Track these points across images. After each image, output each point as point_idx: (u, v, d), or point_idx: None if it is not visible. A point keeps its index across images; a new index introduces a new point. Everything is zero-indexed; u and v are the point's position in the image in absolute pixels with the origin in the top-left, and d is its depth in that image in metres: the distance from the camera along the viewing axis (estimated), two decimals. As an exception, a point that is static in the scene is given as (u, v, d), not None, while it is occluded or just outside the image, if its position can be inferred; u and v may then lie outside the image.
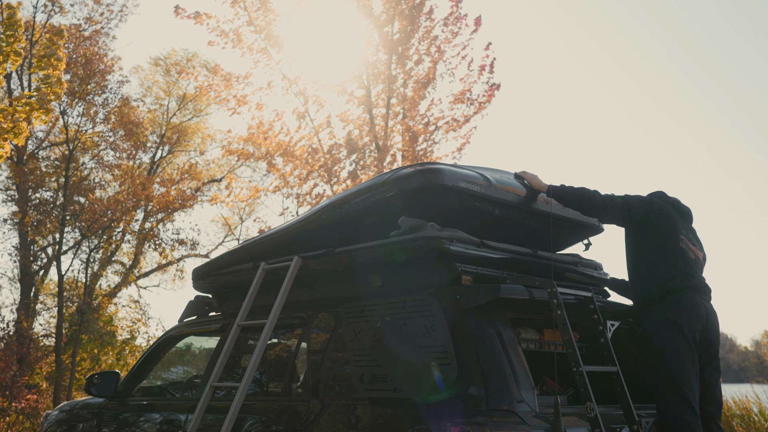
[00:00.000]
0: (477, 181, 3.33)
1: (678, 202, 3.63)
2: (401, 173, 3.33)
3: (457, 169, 3.37)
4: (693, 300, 3.32)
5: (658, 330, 3.26)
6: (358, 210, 3.48)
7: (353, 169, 10.34)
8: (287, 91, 10.69)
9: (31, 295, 17.18)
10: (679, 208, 3.61)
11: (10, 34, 8.03)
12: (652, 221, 3.46)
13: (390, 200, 3.32)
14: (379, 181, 3.42)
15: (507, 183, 3.53)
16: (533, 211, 3.60)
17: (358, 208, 3.48)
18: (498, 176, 3.55)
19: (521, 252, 3.47)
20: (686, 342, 3.22)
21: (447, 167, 3.32)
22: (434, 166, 3.31)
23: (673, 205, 3.59)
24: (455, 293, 3.00)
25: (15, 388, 12.83)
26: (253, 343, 4.08)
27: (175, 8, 10.63)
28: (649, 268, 3.42)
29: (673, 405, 3.12)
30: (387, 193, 3.32)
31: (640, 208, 3.46)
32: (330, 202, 3.67)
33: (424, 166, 3.37)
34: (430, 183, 3.22)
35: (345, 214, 3.55)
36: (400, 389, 2.86)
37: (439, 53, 10.58)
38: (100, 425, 4.58)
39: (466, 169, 3.43)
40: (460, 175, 3.27)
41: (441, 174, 3.22)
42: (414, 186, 3.24)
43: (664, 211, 3.51)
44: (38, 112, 8.00)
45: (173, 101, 21.06)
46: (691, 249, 3.49)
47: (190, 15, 10.60)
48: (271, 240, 3.99)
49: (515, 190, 3.54)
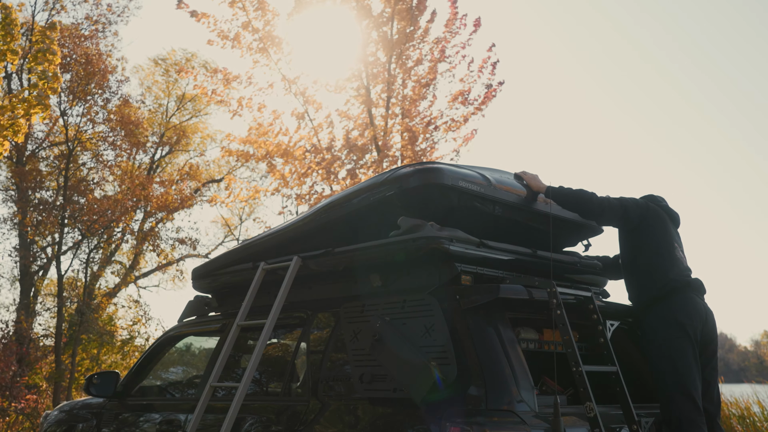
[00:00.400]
0: (476, 181, 3.34)
1: (668, 207, 3.70)
2: (401, 172, 3.33)
3: (456, 168, 3.37)
4: (693, 300, 3.37)
5: (661, 330, 3.28)
6: (358, 209, 3.48)
7: (352, 167, 10.34)
8: (288, 91, 10.69)
9: (30, 295, 17.18)
10: (670, 212, 3.68)
11: (6, 33, 8.03)
12: (650, 224, 3.52)
13: (389, 199, 3.32)
14: (379, 180, 3.42)
15: (506, 183, 3.53)
16: (533, 211, 3.61)
17: (357, 208, 3.48)
18: (497, 176, 3.56)
19: (521, 252, 3.47)
20: (690, 341, 3.25)
21: (446, 166, 3.32)
22: (433, 165, 3.31)
23: (665, 210, 3.66)
24: (455, 293, 3.00)
25: (15, 388, 12.83)
26: (252, 343, 4.08)
27: (178, 1, 10.62)
28: (649, 269, 3.46)
29: (680, 404, 3.14)
30: (386, 192, 3.32)
31: (636, 211, 3.51)
32: (329, 202, 3.67)
33: (423, 165, 3.37)
34: (429, 182, 3.22)
35: (344, 214, 3.55)
36: (400, 389, 2.86)
37: (440, 53, 10.58)
38: (99, 425, 4.57)
39: (466, 169, 3.43)
40: (459, 175, 3.27)
41: (440, 173, 3.22)
42: (413, 185, 3.24)
43: (660, 215, 3.58)
44: (36, 108, 8.00)
45: (172, 101, 21.08)
46: (682, 253, 3.58)
47: (192, 12, 10.59)
48: (270, 240, 3.99)
49: (515, 189, 3.55)
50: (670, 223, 3.61)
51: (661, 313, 3.32)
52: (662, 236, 3.50)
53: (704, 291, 3.49)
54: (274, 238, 3.97)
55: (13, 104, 7.93)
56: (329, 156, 10.32)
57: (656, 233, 3.51)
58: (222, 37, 10.57)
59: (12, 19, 8.11)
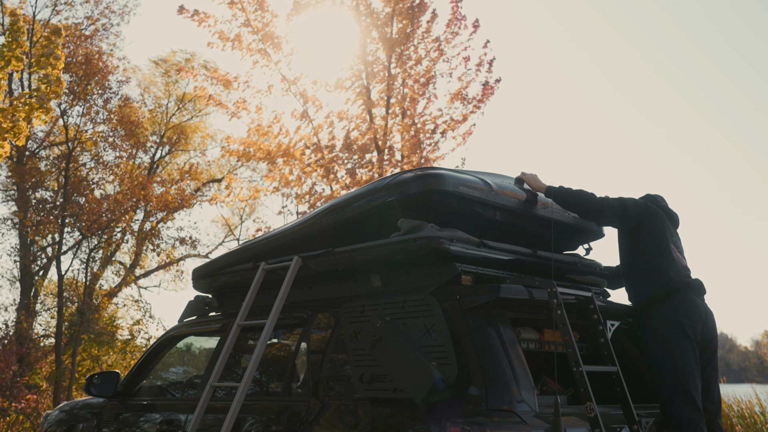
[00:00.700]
0: (477, 186, 3.33)
1: (667, 207, 3.70)
2: (402, 178, 3.34)
3: (457, 174, 3.38)
4: (693, 300, 3.37)
5: (662, 330, 3.28)
6: (359, 213, 3.48)
7: (352, 167, 10.33)
8: (287, 92, 10.68)
9: (31, 295, 17.18)
10: (669, 213, 3.68)
11: (12, 39, 8.03)
12: (649, 224, 3.52)
13: (390, 205, 3.32)
14: (380, 185, 3.42)
15: (508, 188, 3.54)
16: (534, 216, 3.61)
17: (358, 212, 3.48)
18: (498, 181, 3.56)
19: (521, 252, 3.47)
20: (690, 341, 3.25)
21: (447, 172, 3.33)
22: (435, 171, 3.31)
23: (664, 210, 3.66)
24: (455, 293, 3.00)
25: (15, 388, 12.83)
26: (253, 343, 4.08)
27: (179, 7, 10.64)
28: (649, 269, 3.45)
29: (680, 404, 3.14)
30: (387, 197, 3.32)
31: (635, 210, 3.51)
32: (330, 205, 3.68)
33: (424, 171, 3.37)
34: (430, 188, 3.21)
35: (345, 218, 3.55)
36: (400, 389, 2.87)
37: (439, 53, 10.59)
38: (100, 425, 4.58)
39: (467, 174, 3.44)
40: (460, 180, 3.27)
41: (441, 179, 3.22)
42: (414, 191, 3.24)
43: (659, 215, 3.58)
44: (38, 111, 8.00)
45: (172, 101, 21.09)
46: (681, 254, 3.58)
47: (194, 12, 10.59)
48: (270, 242, 3.99)
49: (516, 194, 3.55)
50: (669, 223, 3.61)
51: (660, 313, 3.32)
52: (661, 236, 3.50)
53: (704, 291, 3.49)
54: (274, 240, 3.97)
55: (15, 107, 7.92)
56: (329, 155, 10.32)
57: (655, 233, 3.50)
58: (222, 39, 10.57)
59: (19, 26, 8.12)
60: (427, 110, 10.61)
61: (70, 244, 16.78)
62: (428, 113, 10.59)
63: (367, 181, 9.98)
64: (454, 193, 3.23)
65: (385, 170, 10.14)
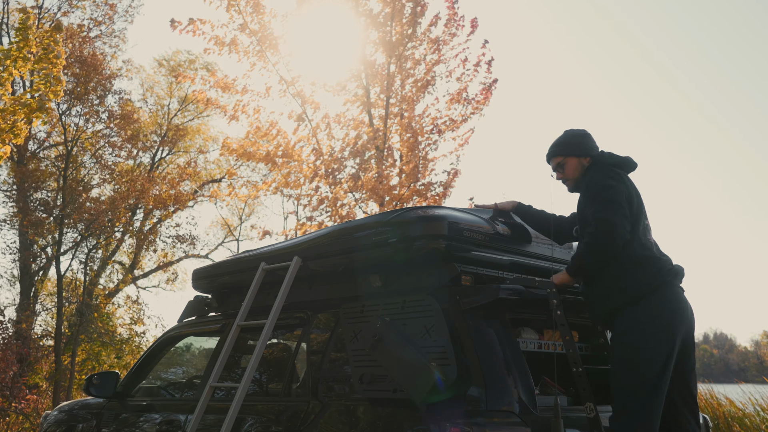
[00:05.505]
0: (482, 228, 3.26)
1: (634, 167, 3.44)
2: (404, 217, 3.23)
3: (461, 215, 3.28)
4: (678, 292, 3.15)
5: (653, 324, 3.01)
6: (360, 245, 3.38)
7: (355, 172, 10.32)
8: (285, 93, 10.67)
9: (30, 295, 17.18)
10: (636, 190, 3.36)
11: (22, 38, 7.99)
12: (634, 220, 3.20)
13: (391, 245, 3.23)
14: (383, 219, 3.32)
15: (513, 228, 3.49)
16: (539, 257, 3.56)
17: (359, 244, 3.39)
18: (503, 224, 3.48)
19: (521, 252, 3.47)
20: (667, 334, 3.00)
21: (451, 213, 3.23)
22: (437, 213, 3.21)
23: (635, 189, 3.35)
24: (455, 293, 3.00)
25: (15, 388, 12.82)
26: (252, 343, 4.08)
27: (171, 22, 10.53)
28: (641, 263, 3.13)
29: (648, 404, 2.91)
30: (389, 237, 3.21)
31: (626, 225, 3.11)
32: (332, 231, 3.61)
33: (427, 212, 3.25)
34: (432, 233, 3.11)
35: (346, 248, 3.46)
36: (400, 390, 2.87)
37: (438, 54, 10.59)
38: (99, 425, 4.58)
39: (472, 214, 3.36)
40: (464, 222, 3.19)
41: (444, 223, 3.11)
42: (416, 234, 3.14)
43: (639, 201, 3.29)
44: (38, 112, 7.96)
45: (174, 102, 21.10)
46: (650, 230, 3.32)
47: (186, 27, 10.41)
48: (272, 253, 3.97)
49: (522, 235, 3.50)
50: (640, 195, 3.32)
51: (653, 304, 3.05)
52: (643, 227, 3.23)
53: (683, 276, 3.22)
54: (276, 252, 3.95)
55: (14, 108, 7.89)
56: (329, 158, 10.32)
57: (638, 225, 3.20)
58: (218, 44, 10.49)
59: (28, 25, 8.07)
60: (427, 112, 10.62)
61: (69, 244, 16.78)
62: (428, 114, 10.59)
63: (368, 182, 9.99)
64: (457, 238, 3.13)
65: (384, 170, 10.14)
